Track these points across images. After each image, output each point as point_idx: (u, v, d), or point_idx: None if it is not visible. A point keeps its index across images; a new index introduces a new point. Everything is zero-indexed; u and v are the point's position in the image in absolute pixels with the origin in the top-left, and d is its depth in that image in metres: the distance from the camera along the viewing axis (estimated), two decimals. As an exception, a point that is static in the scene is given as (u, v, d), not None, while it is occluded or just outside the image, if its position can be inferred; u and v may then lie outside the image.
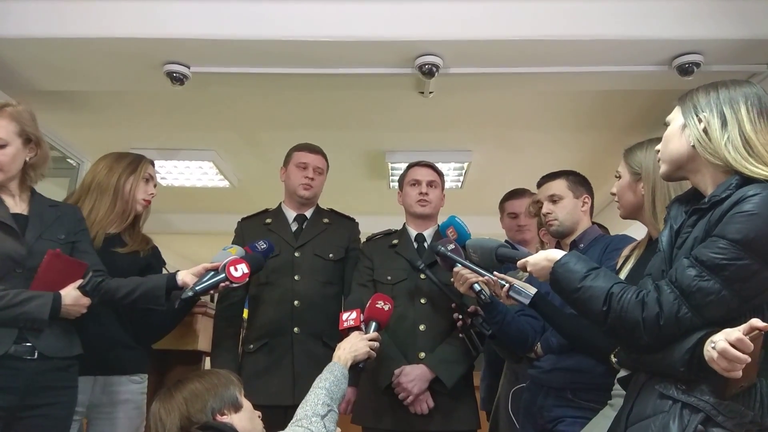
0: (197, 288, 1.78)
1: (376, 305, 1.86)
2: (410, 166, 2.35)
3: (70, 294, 1.73)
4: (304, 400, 1.51)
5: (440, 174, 2.34)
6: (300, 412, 1.47)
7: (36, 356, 1.69)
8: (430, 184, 2.26)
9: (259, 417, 1.44)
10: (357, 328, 1.83)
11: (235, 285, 1.84)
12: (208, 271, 1.84)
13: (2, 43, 2.52)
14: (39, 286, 1.72)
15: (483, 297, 1.83)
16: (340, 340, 1.80)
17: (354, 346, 1.71)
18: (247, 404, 1.42)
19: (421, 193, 2.25)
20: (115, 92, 3.21)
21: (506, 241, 2.64)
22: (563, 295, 1.37)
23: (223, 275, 1.80)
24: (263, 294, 2.29)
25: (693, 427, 1.11)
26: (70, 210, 1.92)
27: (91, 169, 2.15)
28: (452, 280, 1.92)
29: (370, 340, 1.77)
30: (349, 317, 1.86)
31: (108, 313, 1.98)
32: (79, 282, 1.76)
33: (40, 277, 1.73)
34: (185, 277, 1.84)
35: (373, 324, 1.84)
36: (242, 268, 1.82)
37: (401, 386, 2.02)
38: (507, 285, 1.71)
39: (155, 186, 2.18)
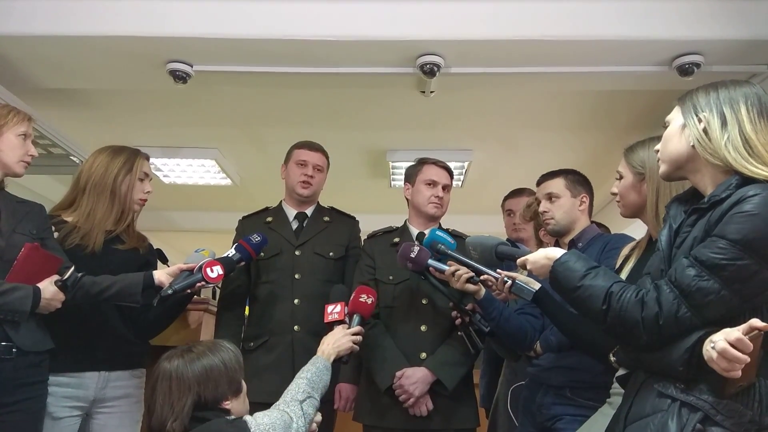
0: (176, 286, 1.89)
1: (360, 299, 1.90)
2: (426, 162, 2.27)
3: (48, 288, 1.75)
4: (287, 389, 1.59)
5: (453, 177, 2.32)
6: (281, 399, 1.56)
7: (14, 354, 1.70)
8: (445, 187, 2.25)
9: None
10: (341, 321, 1.88)
11: (210, 285, 1.98)
12: (183, 271, 1.94)
13: (6, 40, 2.53)
14: (15, 279, 1.72)
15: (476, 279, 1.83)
16: (326, 332, 1.86)
17: (337, 342, 1.79)
18: (244, 387, 1.52)
19: (436, 196, 2.23)
20: (118, 90, 3.23)
21: (507, 239, 2.65)
22: (563, 294, 1.37)
23: (200, 275, 1.91)
24: (264, 292, 2.29)
25: (692, 426, 1.12)
26: (37, 207, 1.92)
27: (86, 166, 2.10)
28: (453, 270, 1.90)
29: (353, 334, 1.83)
30: (333, 310, 1.91)
31: (111, 309, 1.99)
32: (55, 277, 1.78)
33: (17, 269, 1.73)
34: (161, 276, 1.92)
35: (357, 317, 1.88)
36: (217, 270, 1.94)
37: (402, 388, 2.02)
38: (510, 281, 1.71)
39: (151, 180, 2.18)
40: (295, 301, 2.25)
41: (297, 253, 2.30)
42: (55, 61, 2.69)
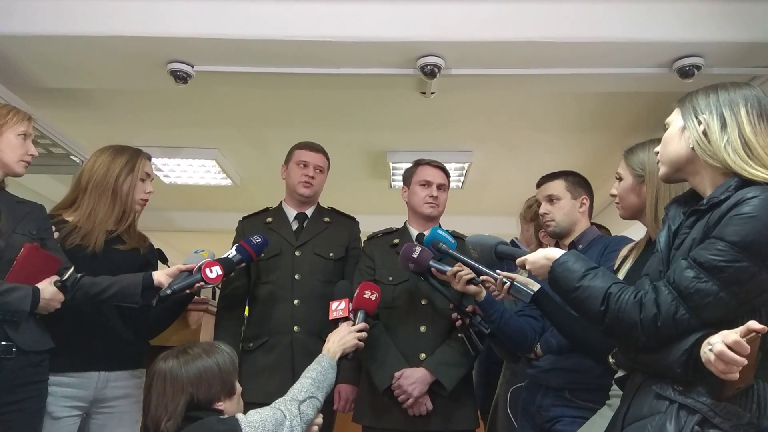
0: (175, 287, 1.89)
1: (363, 295, 1.92)
2: (420, 164, 2.29)
3: (48, 289, 1.75)
4: (291, 387, 1.60)
5: (449, 176, 2.32)
6: (281, 397, 1.56)
7: (14, 354, 1.70)
8: (440, 187, 2.25)
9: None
10: (346, 318, 1.89)
11: (209, 286, 1.99)
12: (182, 272, 1.94)
13: (7, 40, 2.53)
14: (14, 279, 1.72)
15: (476, 280, 1.83)
16: (331, 329, 1.87)
17: (342, 339, 1.80)
18: (238, 388, 1.53)
19: (431, 196, 2.23)
20: (119, 90, 3.22)
21: (512, 241, 2.65)
22: (561, 294, 1.37)
23: (199, 276, 1.91)
24: (263, 292, 2.30)
25: (690, 428, 1.12)
26: (37, 207, 1.93)
27: (88, 165, 2.10)
28: (455, 271, 1.90)
29: (358, 331, 1.85)
30: (337, 307, 1.93)
31: (111, 309, 1.99)
32: (55, 277, 1.78)
33: (16, 269, 1.73)
34: (160, 277, 1.93)
35: (361, 314, 1.90)
36: (216, 270, 1.94)
37: (401, 389, 2.02)
38: (509, 282, 1.71)
39: (152, 180, 2.18)
40: (295, 301, 2.25)
41: (297, 253, 2.31)
42: (55, 60, 2.69)
